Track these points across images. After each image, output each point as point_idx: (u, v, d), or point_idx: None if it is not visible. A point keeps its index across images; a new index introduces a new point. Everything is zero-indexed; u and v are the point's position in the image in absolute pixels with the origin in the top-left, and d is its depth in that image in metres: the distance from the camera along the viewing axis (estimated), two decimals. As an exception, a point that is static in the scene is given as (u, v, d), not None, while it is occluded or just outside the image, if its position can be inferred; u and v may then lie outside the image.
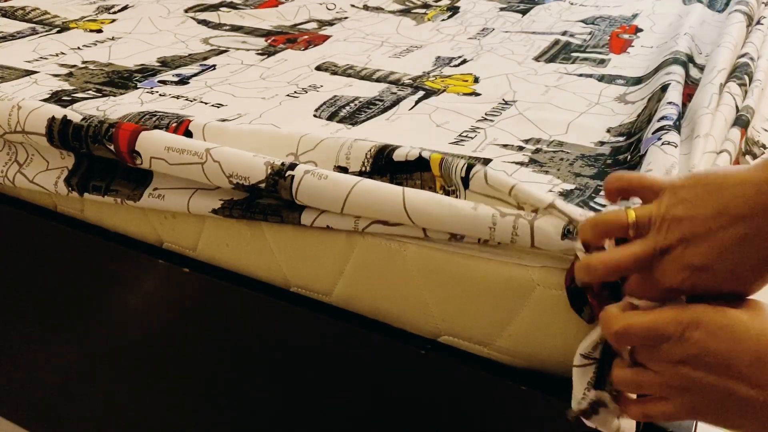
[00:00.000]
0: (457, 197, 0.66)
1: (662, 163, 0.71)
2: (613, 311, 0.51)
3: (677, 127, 0.79)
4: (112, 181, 0.83)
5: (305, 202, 0.70)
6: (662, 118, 0.82)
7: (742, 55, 1.01)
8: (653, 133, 0.79)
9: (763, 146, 0.87)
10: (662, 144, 0.74)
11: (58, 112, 0.83)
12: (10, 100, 0.87)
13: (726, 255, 0.47)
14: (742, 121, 0.83)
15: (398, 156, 0.71)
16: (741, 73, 0.94)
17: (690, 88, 0.98)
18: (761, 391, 0.46)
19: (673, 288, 0.49)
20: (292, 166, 0.70)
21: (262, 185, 0.71)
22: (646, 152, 0.76)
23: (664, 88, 0.93)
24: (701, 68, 1.09)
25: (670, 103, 0.86)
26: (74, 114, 0.83)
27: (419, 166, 0.69)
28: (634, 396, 0.56)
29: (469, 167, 0.66)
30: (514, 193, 0.63)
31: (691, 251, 0.48)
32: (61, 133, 0.82)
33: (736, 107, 0.87)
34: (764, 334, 0.46)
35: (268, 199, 0.74)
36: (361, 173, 0.71)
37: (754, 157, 0.85)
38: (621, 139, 0.88)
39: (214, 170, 0.73)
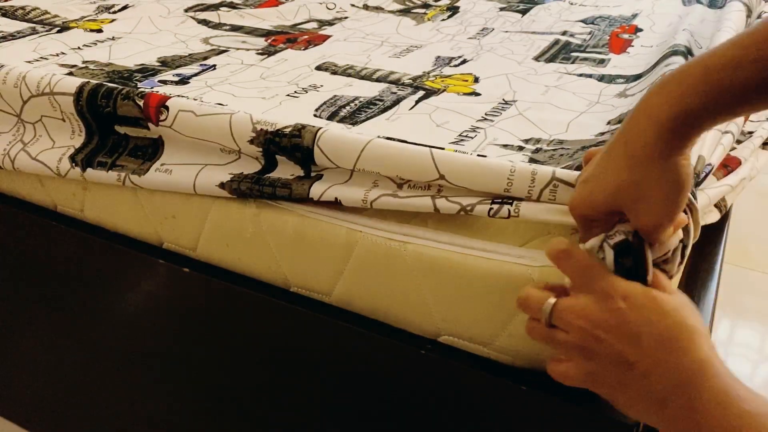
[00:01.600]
0: None
1: None
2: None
3: None
4: (120, 157, 0.85)
5: (324, 149, 0.70)
6: None
7: None
8: None
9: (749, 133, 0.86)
10: None
11: (93, 81, 0.86)
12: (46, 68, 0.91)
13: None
14: None
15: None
16: None
17: None
18: (656, 367, 0.49)
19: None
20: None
21: (287, 129, 0.72)
22: None
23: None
24: None
25: None
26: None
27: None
28: None
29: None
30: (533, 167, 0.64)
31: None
32: (91, 92, 0.84)
33: None
34: (676, 316, 0.50)
35: (279, 174, 0.74)
36: None
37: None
38: (620, 124, 0.88)
39: (242, 119, 0.74)
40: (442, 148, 0.67)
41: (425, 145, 0.68)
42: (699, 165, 0.69)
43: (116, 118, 0.83)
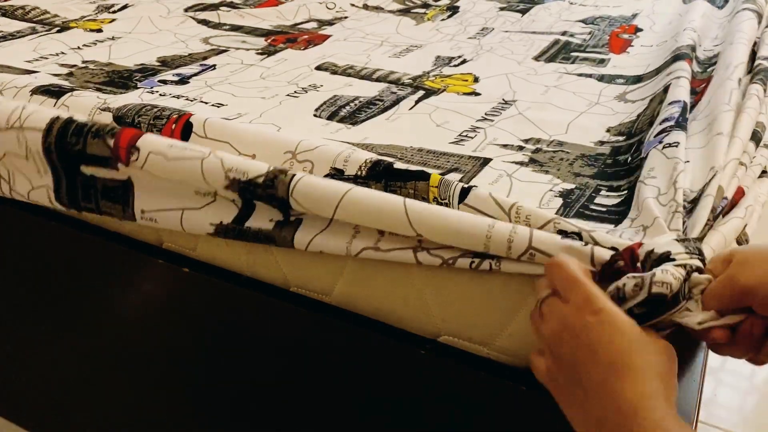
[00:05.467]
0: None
1: (664, 169, 0.70)
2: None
3: (681, 125, 0.79)
4: (98, 202, 0.82)
5: (299, 201, 0.68)
6: (664, 120, 0.81)
7: (765, 58, 0.98)
8: (655, 136, 0.79)
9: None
10: (663, 147, 0.74)
11: (64, 114, 0.83)
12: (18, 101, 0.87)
13: None
14: (756, 138, 0.81)
15: (398, 166, 0.70)
16: (765, 76, 0.91)
17: (693, 82, 0.98)
18: (600, 387, 0.51)
19: None
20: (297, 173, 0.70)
21: (260, 179, 0.69)
22: (647, 155, 0.76)
23: (666, 89, 0.93)
24: (701, 62, 1.09)
25: (671, 102, 0.86)
26: (80, 116, 0.82)
27: (416, 176, 0.69)
28: None
29: (469, 188, 0.66)
30: (515, 208, 0.63)
31: None
32: (61, 129, 0.80)
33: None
34: (636, 345, 0.51)
35: (258, 221, 0.73)
36: (356, 176, 0.71)
37: None
38: (621, 138, 0.88)
39: (214, 165, 0.71)
40: (428, 174, 0.67)
41: (416, 173, 0.67)
42: (717, 198, 0.67)
43: (85, 157, 0.80)
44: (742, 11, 1.19)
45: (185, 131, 0.81)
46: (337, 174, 0.72)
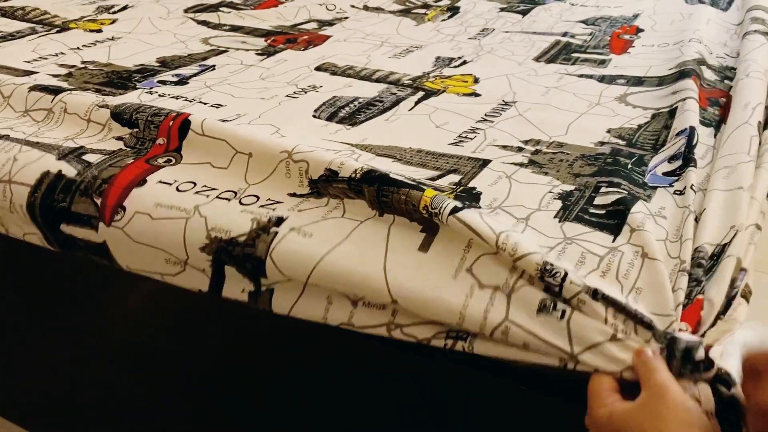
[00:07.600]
0: (439, 220, 0.65)
1: (674, 214, 0.71)
2: None
3: (689, 160, 0.78)
4: (87, 254, 0.79)
5: (276, 262, 0.67)
6: (673, 157, 0.81)
7: None
8: (663, 174, 0.78)
9: None
10: (674, 193, 0.74)
11: (53, 166, 0.81)
12: (8, 152, 0.84)
13: None
14: None
15: (393, 176, 0.69)
16: None
17: (706, 91, 0.97)
18: None
19: None
20: (279, 222, 0.68)
21: (242, 238, 0.68)
22: (655, 188, 0.75)
23: (672, 113, 0.92)
24: (715, 69, 1.09)
25: (679, 133, 0.85)
26: (69, 168, 0.80)
27: (411, 186, 0.68)
28: None
29: (459, 208, 0.65)
30: (505, 235, 0.62)
31: None
32: (51, 185, 0.79)
33: None
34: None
35: (232, 291, 0.71)
36: (350, 179, 0.70)
37: None
38: (621, 142, 0.87)
39: (197, 225, 0.70)
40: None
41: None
42: (735, 270, 0.65)
43: (67, 215, 0.78)
44: (752, 34, 1.18)
45: (183, 129, 0.81)
46: (331, 175, 0.71)
